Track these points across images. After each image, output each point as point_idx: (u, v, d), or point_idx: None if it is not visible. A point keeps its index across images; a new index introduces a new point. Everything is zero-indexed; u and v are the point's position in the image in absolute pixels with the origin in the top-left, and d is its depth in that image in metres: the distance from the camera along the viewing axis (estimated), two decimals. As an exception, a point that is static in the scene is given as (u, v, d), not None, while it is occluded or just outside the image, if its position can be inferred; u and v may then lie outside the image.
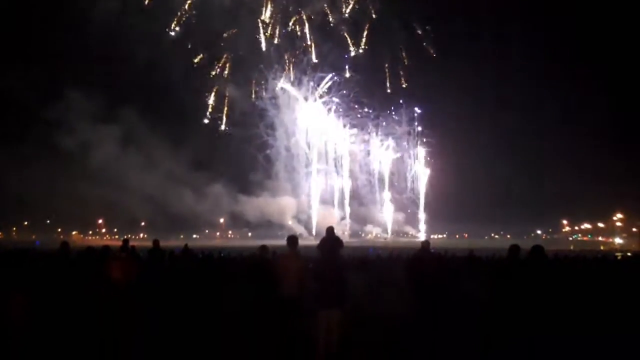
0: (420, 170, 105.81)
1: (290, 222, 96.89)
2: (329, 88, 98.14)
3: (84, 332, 8.10)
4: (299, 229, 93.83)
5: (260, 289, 8.38)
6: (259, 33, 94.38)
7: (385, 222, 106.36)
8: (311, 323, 7.84)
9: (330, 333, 7.63)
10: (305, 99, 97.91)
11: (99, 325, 7.90)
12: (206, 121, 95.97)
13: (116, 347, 7.96)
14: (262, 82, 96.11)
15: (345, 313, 7.92)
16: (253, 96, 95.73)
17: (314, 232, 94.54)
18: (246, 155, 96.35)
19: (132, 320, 8.30)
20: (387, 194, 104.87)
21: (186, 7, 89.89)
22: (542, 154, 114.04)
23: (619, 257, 29.52)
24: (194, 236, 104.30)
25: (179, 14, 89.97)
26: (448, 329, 10.36)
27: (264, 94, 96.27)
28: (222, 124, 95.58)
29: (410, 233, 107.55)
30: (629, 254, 39.38)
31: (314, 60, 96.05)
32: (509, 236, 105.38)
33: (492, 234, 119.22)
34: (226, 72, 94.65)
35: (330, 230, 8.22)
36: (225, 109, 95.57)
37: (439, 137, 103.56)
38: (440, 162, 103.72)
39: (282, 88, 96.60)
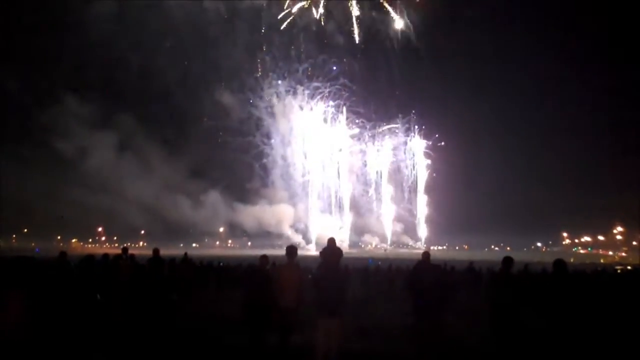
0: (419, 181, 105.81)
1: (288, 232, 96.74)
2: (325, 97, 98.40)
3: (84, 337, 8.11)
4: (297, 238, 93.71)
5: (259, 299, 8.37)
6: (255, 43, 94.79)
7: (383, 232, 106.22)
8: (310, 332, 7.85)
9: (330, 341, 7.63)
10: (301, 107, 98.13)
11: (100, 328, 7.91)
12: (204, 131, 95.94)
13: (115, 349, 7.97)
14: (259, 90, 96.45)
15: (343, 321, 7.92)
16: (249, 105, 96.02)
17: (313, 242, 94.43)
18: (242, 163, 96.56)
19: (130, 323, 8.31)
20: (386, 205, 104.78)
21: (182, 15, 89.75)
22: (543, 167, 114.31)
23: (619, 271, 29.50)
24: (194, 245, 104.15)
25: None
26: (448, 340, 10.35)
27: (259, 102, 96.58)
28: (219, 133, 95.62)
29: (410, 244, 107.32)
30: (629, 267, 39.30)
31: (309, 70, 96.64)
32: (508, 248, 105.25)
33: (492, 246, 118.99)
34: (223, 82, 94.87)
35: (331, 241, 8.24)
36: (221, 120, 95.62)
37: (438, 149, 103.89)
38: (440, 173, 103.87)
39: (277, 97, 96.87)
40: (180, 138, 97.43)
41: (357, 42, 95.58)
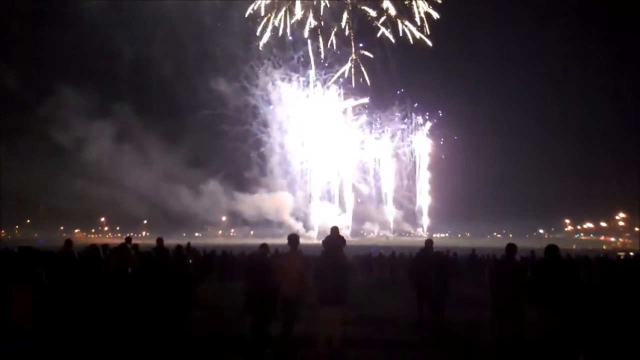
0: (420, 168, 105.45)
1: (288, 220, 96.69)
2: (321, 85, 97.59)
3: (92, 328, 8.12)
4: (298, 226, 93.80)
5: (261, 288, 8.38)
6: (249, 31, 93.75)
7: (384, 220, 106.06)
8: (314, 321, 7.87)
9: (333, 330, 7.65)
10: (297, 95, 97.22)
11: (104, 319, 7.93)
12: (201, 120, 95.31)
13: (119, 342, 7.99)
14: (254, 78, 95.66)
15: (346, 310, 7.94)
16: (245, 94, 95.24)
17: (314, 230, 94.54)
18: (240, 152, 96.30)
19: (135, 314, 8.32)
20: (389, 192, 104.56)
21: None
22: (545, 153, 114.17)
23: (621, 257, 29.51)
24: (196, 234, 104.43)
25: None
26: (450, 329, 10.39)
27: (255, 91, 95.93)
28: (216, 122, 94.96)
29: (412, 232, 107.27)
30: (631, 253, 39.30)
31: (303, 58, 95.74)
32: (511, 235, 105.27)
33: (495, 233, 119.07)
34: (218, 70, 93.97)
35: (334, 229, 8.23)
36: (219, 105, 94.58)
37: (440, 136, 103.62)
38: (442, 160, 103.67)
39: (272, 85, 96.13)
40: (178, 128, 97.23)
41: (352, 30, 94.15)
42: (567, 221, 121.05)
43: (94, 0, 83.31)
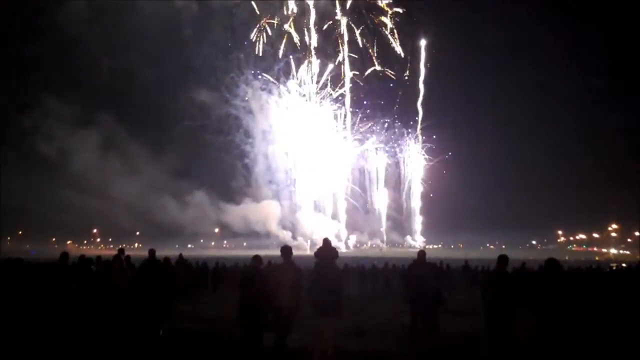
0: (413, 178, 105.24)
1: (276, 229, 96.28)
2: (303, 95, 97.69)
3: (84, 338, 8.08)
4: (287, 236, 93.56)
5: (255, 300, 8.34)
6: (229, 41, 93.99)
7: (375, 231, 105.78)
8: (307, 332, 7.84)
9: (326, 341, 7.62)
10: (278, 105, 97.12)
11: (98, 331, 7.89)
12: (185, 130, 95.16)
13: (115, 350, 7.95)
14: (235, 89, 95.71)
15: (340, 321, 7.92)
16: (227, 104, 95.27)
17: (308, 241, 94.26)
18: (225, 162, 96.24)
19: (127, 326, 8.28)
20: (381, 203, 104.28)
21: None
22: (538, 165, 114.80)
23: (613, 268, 29.65)
24: (189, 246, 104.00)
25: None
26: (444, 340, 10.37)
27: (236, 101, 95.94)
28: (199, 132, 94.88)
29: (404, 243, 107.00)
30: (623, 264, 39.42)
31: (284, 68, 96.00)
32: (504, 246, 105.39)
33: (488, 244, 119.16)
34: (200, 81, 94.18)
35: (326, 241, 8.22)
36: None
37: (433, 147, 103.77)
38: (435, 171, 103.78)
39: (254, 95, 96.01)
40: (162, 138, 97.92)
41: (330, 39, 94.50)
42: (560, 232, 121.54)
43: (72, 11, 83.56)
